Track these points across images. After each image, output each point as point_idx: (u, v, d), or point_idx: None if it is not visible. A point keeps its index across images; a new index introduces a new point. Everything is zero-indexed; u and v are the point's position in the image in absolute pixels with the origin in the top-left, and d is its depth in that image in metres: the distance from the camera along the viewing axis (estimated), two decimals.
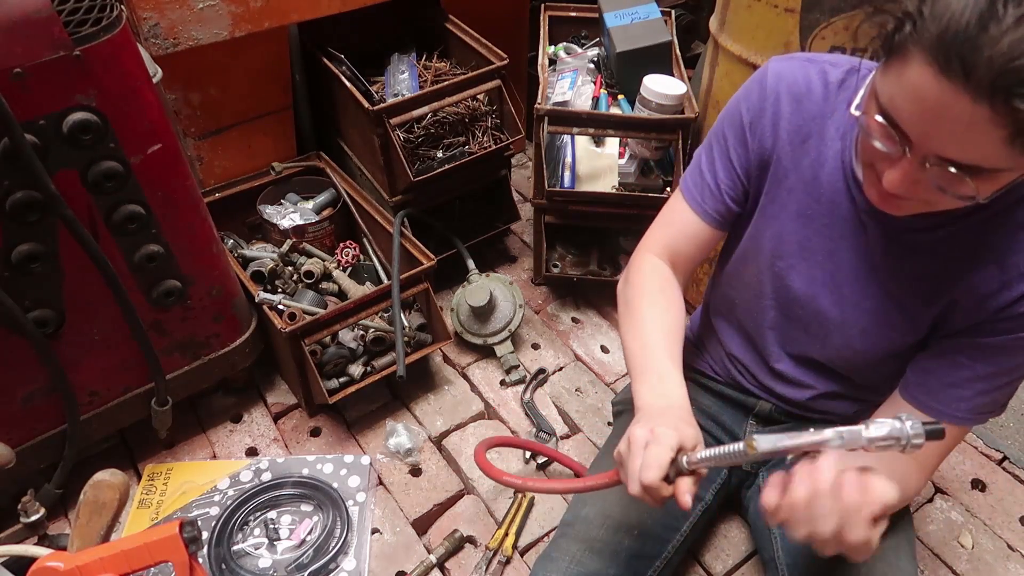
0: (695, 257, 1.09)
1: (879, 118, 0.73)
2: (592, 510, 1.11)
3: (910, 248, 0.90)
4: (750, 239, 1.05)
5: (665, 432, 0.81)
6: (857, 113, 0.77)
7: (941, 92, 0.65)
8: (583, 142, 1.87)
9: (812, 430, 0.73)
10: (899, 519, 1.06)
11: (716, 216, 1.04)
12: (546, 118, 1.61)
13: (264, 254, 1.66)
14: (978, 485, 1.53)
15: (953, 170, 0.69)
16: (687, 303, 1.87)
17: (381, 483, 1.48)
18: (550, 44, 1.96)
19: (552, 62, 1.92)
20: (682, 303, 1.07)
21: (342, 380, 1.56)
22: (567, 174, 1.79)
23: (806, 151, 0.95)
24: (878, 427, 0.70)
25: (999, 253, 0.84)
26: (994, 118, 0.63)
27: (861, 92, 0.78)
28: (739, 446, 0.76)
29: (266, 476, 1.45)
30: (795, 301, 1.03)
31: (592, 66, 1.88)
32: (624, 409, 1.33)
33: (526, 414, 1.62)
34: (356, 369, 1.56)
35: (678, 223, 1.08)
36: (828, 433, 0.71)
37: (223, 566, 1.30)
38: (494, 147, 1.75)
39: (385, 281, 1.68)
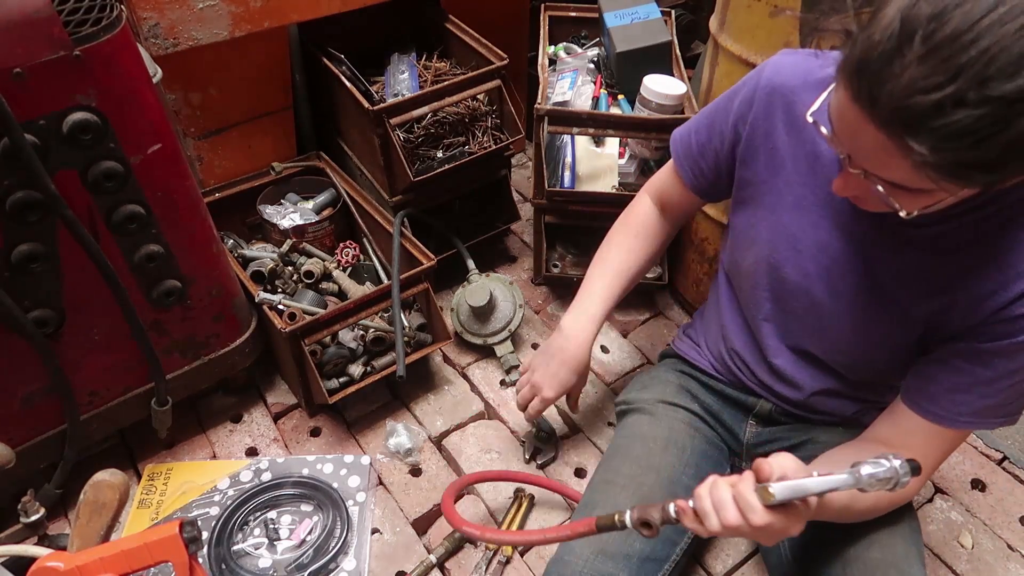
0: (681, 210, 1.26)
1: (824, 129, 0.77)
2: (603, 512, 1.11)
3: (906, 243, 0.91)
4: (748, 229, 1.06)
5: (548, 387, 1.27)
6: (810, 119, 0.80)
7: (854, 116, 0.68)
8: (583, 142, 1.87)
9: (825, 477, 0.76)
10: (908, 527, 1.06)
11: (694, 182, 1.15)
12: (546, 118, 1.61)
13: (264, 254, 1.66)
14: (978, 485, 1.53)
15: (880, 188, 0.72)
16: (688, 304, 1.88)
17: (381, 483, 1.48)
18: (550, 44, 1.95)
19: (552, 62, 1.92)
20: (650, 249, 1.28)
21: (342, 380, 1.56)
22: (567, 174, 1.79)
23: (803, 143, 0.96)
24: (876, 466, 0.74)
25: (997, 252, 0.84)
26: (895, 148, 0.66)
27: (820, 99, 0.80)
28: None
29: (266, 476, 1.45)
30: (790, 293, 1.03)
31: (592, 66, 1.88)
32: (627, 409, 1.33)
33: None
34: (356, 369, 1.56)
35: (669, 176, 1.22)
36: (843, 477, 0.75)
37: (223, 566, 1.30)
38: (494, 147, 1.75)
39: (385, 281, 1.68)
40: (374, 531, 1.40)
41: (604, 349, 1.78)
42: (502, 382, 1.69)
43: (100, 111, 1.09)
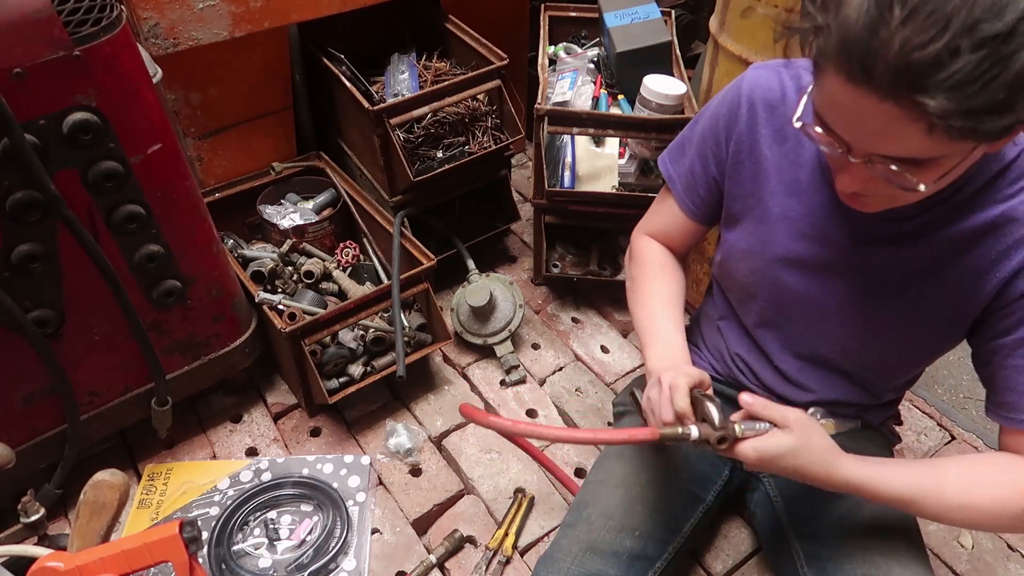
0: (683, 242, 1.19)
1: (818, 128, 0.76)
2: (594, 511, 1.11)
3: (894, 238, 0.92)
4: (738, 241, 1.06)
5: (675, 375, 0.93)
6: (798, 124, 0.80)
7: (852, 98, 0.68)
8: (583, 142, 1.87)
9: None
10: (917, 545, 1.05)
11: (695, 209, 1.12)
12: (546, 118, 1.61)
13: (264, 254, 1.66)
14: None
15: (894, 167, 0.72)
16: (688, 304, 1.88)
17: (381, 483, 1.48)
18: (550, 44, 1.95)
19: (552, 62, 1.92)
20: (681, 275, 1.19)
21: (342, 380, 1.56)
22: (567, 174, 1.79)
23: (785, 154, 0.98)
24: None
25: (988, 225, 0.86)
26: (905, 114, 0.65)
27: (803, 102, 0.80)
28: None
29: (266, 476, 1.45)
30: (790, 302, 1.04)
31: (592, 66, 1.88)
32: (625, 411, 1.33)
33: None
34: (356, 369, 1.56)
35: (667, 212, 1.17)
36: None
37: (223, 566, 1.30)
38: (494, 147, 1.75)
39: (385, 281, 1.68)
40: (374, 531, 1.40)
41: (604, 349, 1.78)
42: (502, 382, 1.69)
43: (100, 111, 1.09)
